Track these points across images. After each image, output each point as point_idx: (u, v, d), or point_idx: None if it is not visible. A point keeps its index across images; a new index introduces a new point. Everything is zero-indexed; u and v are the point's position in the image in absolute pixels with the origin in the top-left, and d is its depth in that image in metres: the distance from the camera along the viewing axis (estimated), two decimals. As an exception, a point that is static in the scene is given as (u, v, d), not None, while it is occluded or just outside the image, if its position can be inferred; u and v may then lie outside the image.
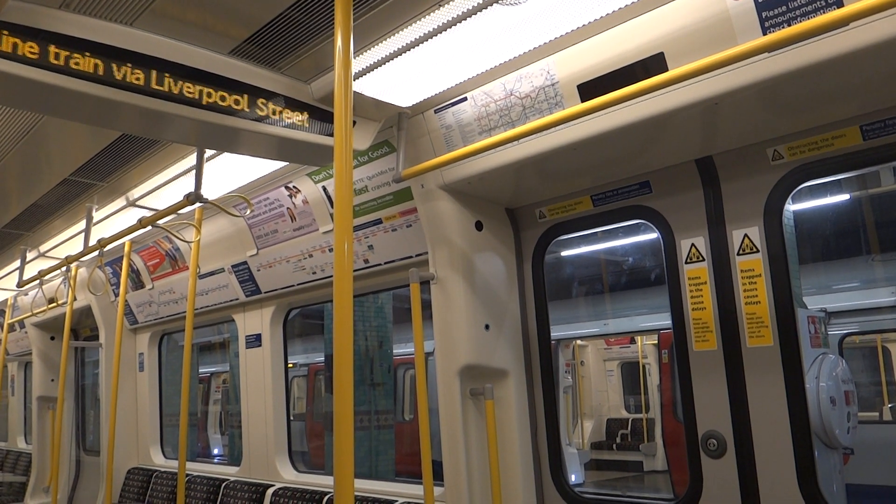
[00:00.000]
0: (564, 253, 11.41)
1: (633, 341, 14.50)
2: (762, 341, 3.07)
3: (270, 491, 5.17)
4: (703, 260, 3.26)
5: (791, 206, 3.18)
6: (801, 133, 2.97)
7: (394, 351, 10.15)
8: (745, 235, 3.13)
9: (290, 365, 5.69)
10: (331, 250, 4.64)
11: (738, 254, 3.15)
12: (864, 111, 2.80)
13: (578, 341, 13.85)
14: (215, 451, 15.60)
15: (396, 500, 4.22)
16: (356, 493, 3.89)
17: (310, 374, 15.85)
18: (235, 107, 2.96)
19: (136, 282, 6.54)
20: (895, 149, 2.79)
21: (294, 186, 4.52)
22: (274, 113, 3.09)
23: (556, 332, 11.43)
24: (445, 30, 2.71)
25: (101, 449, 7.03)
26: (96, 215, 5.19)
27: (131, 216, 4.98)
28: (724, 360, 3.18)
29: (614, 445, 14.53)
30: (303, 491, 4.91)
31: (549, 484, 3.81)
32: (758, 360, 3.08)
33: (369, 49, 2.87)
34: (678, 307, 3.34)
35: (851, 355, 10.82)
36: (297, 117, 3.17)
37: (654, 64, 2.69)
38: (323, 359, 12.92)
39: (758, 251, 3.10)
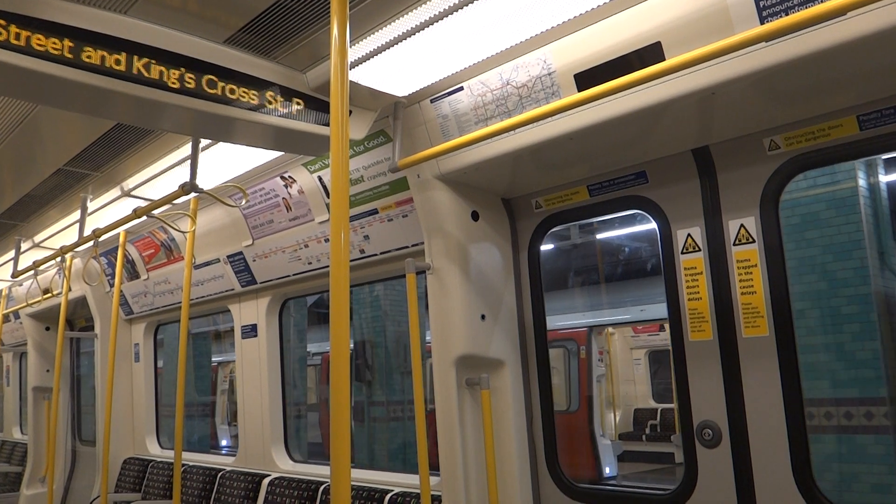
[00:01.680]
0: (599, 236, 11.13)
1: (662, 328, 14.11)
2: (758, 331, 3.08)
3: (266, 481, 5.18)
4: (700, 250, 3.27)
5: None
6: (797, 123, 2.97)
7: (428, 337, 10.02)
8: (742, 225, 3.13)
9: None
10: (326, 240, 4.63)
11: (735, 244, 3.15)
12: (860, 101, 2.80)
13: (609, 329, 13.52)
14: (223, 443, 15.28)
15: (393, 490, 4.23)
16: (352, 483, 3.90)
17: (323, 363, 15.63)
18: (231, 96, 2.95)
19: (132, 272, 6.52)
20: (892, 139, 2.79)
21: (289, 176, 4.51)
22: (269, 102, 3.07)
23: (589, 320, 11.12)
24: (442, 19, 2.70)
25: (96, 439, 7.03)
26: (91, 205, 5.17)
27: (126, 206, 4.96)
28: (719, 350, 3.19)
29: (643, 436, 14.15)
30: (299, 481, 4.92)
31: (545, 474, 3.83)
32: (753, 350, 3.09)
33: (365, 38, 2.86)
34: (674, 297, 3.35)
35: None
36: (293, 107, 3.16)
37: (651, 53, 2.68)
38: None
39: (754, 241, 3.10)
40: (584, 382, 10.59)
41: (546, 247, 3.86)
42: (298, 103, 3.18)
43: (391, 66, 3.09)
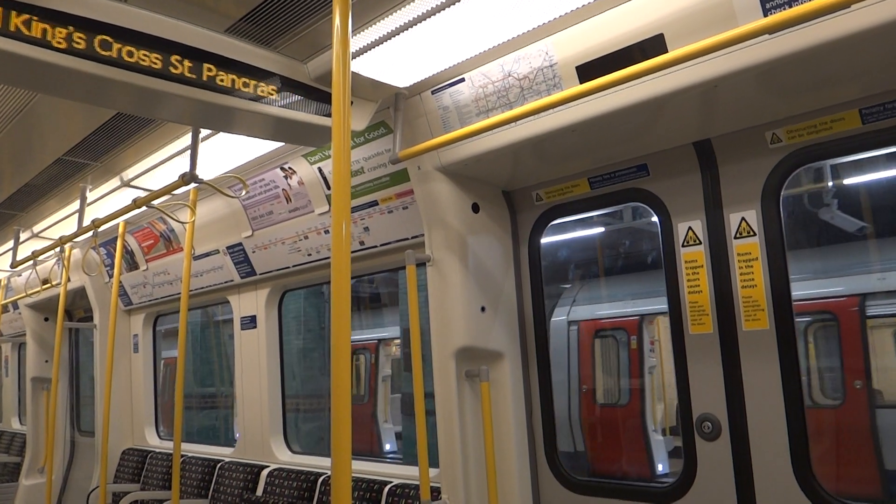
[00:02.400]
0: (654, 219, 10.46)
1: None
2: (758, 325, 3.07)
3: (265, 472, 5.19)
4: (700, 243, 3.26)
5: None
6: (800, 116, 2.96)
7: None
8: (743, 219, 3.13)
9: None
10: (326, 232, 4.63)
11: (735, 237, 3.15)
12: (863, 95, 2.79)
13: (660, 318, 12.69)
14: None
15: (392, 481, 4.24)
16: (352, 475, 3.90)
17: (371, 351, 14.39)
18: (231, 86, 2.93)
19: (131, 263, 6.52)
20: (894, 133, 2.79)
21: (289, 167, 4.50)
22: (270, 92, 3.06)
23: (640, 308, 10.16)
24: (443, 9, 2.69)
25: (95, 430, 7.04)
26: (90, 196, 5.16)
27: (125, 197, 4.95)
28: (719, 343, 3.19)
29: (690, 431, 13.24)
30: (298, 472, 4.92)
31: (545, 466, 3.83)
32: (753, 344, 3.09)
33: (367, 28, 2.84)
34: (674, 290, 3.35)
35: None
36: (294, 97, 3.14)
37: (653, 45, 2.67)
38: (397, 334, 11.83)
39: (755, 235, 3.10)
40: (635, 374, 10.09)
41: (596, 230, 3.75)
42: (299, 94, 3.16)
43: (392, 56, 3.08)
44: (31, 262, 6.50)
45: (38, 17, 2.46)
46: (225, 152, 4.26)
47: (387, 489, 4.19)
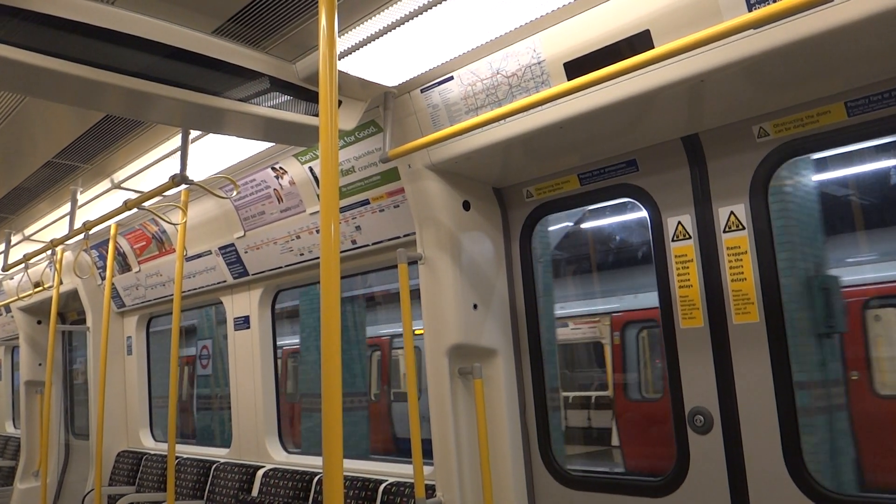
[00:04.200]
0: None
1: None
2: (748, 318, 3.09)
3: (260, 472, 5.19)
4: (690, 238, 3.28)
5: None
6: (786, 110, 2.98)
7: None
8: (732, 213, 3.15)
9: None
10: (318, 231, 4.63)
11: (725, 231, 3.17)
12: (848, 87, 2.81)
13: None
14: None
15: (387, 480, 4.25)
16: (346, 474, 3.91)
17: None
18: (220, 87, 2.93)
19: (123, 265, 6.50)
20: (879, 125, 2.81)
21: (280, 167, 4.50)
22: (259, 93, 3.06)
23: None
24: (431, 8, 2.69)
25: (90, 432, 7.02)
26: (81, 198, 5.15)
27: (116, 199, 4.94)
28: (710, 336, 3.21)
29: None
30: (293, 472, 4.93)
31: (539, 462, 3.84)
32: (744, 337, 3.11)
33: (355, 27, 2.85)
34: (665, 285, 3.36)
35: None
36: (283, 97, 3.14)
37: (639, 41, 2.68)
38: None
39: (744, 228, 3.11)
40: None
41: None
42: (288, 94, 3.16)
43: (381, 55, 3.08)
44: (22, 265, 6.48)
45: (26, 20, 2.46)
46: (215, 153, 4.26)
47: (382, 488, 4.20)
